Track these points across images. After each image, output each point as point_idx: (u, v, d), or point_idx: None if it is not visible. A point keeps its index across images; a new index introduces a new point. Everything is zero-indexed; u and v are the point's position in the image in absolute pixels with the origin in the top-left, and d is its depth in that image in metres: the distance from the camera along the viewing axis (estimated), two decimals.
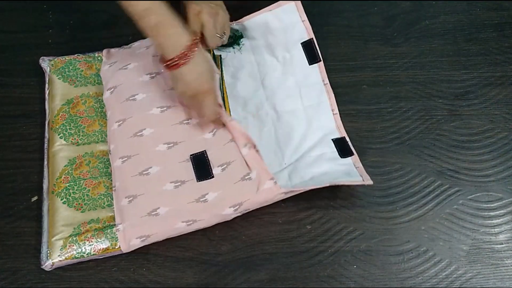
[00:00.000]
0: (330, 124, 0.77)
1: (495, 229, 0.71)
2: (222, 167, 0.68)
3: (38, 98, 0.80)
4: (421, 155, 0.76)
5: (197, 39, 0.64)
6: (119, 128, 0.72)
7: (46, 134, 0.75)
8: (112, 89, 0.75)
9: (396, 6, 0.91)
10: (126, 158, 0.70)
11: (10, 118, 0.78)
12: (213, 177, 0.68)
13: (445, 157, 0.76)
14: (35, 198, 0.72)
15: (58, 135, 0.74)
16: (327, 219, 0.71)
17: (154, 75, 0.75)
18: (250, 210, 0.69)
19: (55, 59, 0.80)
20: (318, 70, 0.80)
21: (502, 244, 0.70)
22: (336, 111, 0.78)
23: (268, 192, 0.67)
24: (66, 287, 0.66)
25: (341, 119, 0.78)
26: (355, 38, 0.87)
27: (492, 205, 0.72)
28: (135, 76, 0.76)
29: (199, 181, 0.68)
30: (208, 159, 0.69)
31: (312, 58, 0.81)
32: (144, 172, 0.68)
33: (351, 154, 0.74)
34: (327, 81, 0.80)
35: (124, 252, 0.66)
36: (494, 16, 0.90)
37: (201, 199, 0.66)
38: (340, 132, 0.77)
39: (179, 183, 0.67)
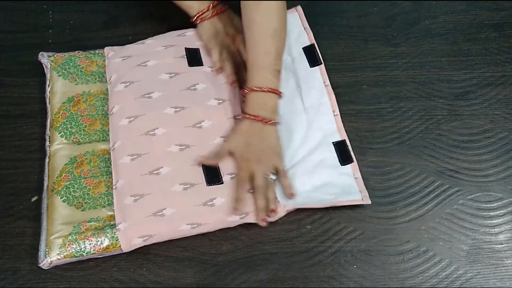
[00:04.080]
0: (331, 125, 0.77)
1: (495, 229, 0.71)
2: (231, 176, 0.68)
3: (38, 98, 0.80)
4: (421, 155, 0.76)
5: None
6: (130, 125, 0.71)
7: (48, 132, 0.75)
8: (128, 84, 0.74)
9: (396, 6, 0.91)
10: (136, 156, 0.69)
11: (10, 118, 0.78)
12: (222, 183, 0.68)
13: (445, 157, 0.76)
14: (35, 198, 0.72)
15: (59, 133, 0.74)
16: (327, 219, 0.71)
17: (173, 75, 0.75)
18: (253, 222, 0.69)
19: (55, 55, 0.80)
20: (319, 72, 0.81)
21: (502, 244, 0.70)
22: (337, 112, 0.78)
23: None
24: (66, 287, 0.66)
25: (342, 120, 0.78)
26: (355, 38, 0.87)
27: (492, 205, 0.72)
28: (154, 74, 0.76)
29: (209, 185, 0.68)
30: (218, 165, 0.69)
31: (313, 61, 0.81)
32: (154, 172, 0.68)
33: (351, 161, 0.74)
34: (328, 82, 0.80)
35: (124, 251, 0.66)
36: (494, 16, 0.90)
37: (208, 203, 0.66)
38: (340, 133, 0.77)
39: (188, 185, 0.68)
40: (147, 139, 0.70)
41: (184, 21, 0.81)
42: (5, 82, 0.82)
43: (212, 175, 0.68)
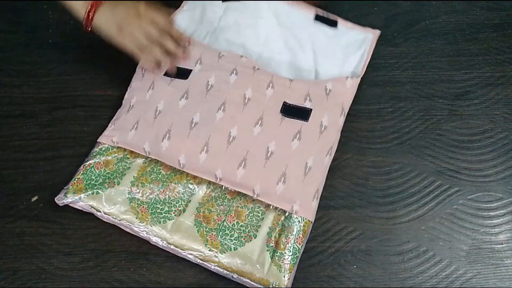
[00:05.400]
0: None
1: (495, 229, 0.71)
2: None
3: (38, 98, 0.80)
4: (421, 155, 0.76)
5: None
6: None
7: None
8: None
9: (396, 6, 0.91)
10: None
11: (10, 118, 0.78)
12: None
13: (445, 157, 0.76)
14: (35, 198, 0.72)
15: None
16: (327, 219, 0.71)
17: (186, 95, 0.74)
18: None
19: (69, 186, 0.69)
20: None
21: (502, 244, 0.70)
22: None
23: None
24: (66, 287, 0.66)
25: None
26: None
27: (492, 205, 0.72)
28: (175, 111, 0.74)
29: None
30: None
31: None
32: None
33: (335, 23, 0.83)
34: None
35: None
36: (494, 16, 0.90)
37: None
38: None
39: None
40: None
41: None
42: (5, 82, 0.82)
43: (295, 114, 0.71)
